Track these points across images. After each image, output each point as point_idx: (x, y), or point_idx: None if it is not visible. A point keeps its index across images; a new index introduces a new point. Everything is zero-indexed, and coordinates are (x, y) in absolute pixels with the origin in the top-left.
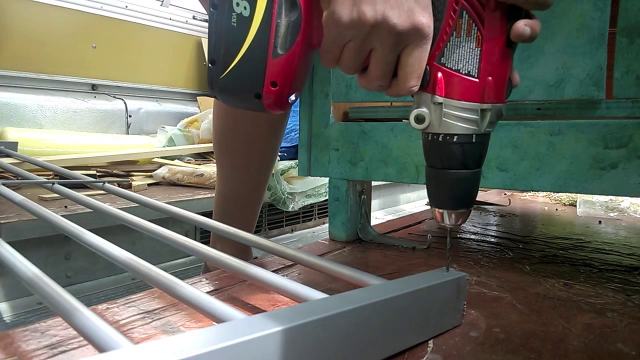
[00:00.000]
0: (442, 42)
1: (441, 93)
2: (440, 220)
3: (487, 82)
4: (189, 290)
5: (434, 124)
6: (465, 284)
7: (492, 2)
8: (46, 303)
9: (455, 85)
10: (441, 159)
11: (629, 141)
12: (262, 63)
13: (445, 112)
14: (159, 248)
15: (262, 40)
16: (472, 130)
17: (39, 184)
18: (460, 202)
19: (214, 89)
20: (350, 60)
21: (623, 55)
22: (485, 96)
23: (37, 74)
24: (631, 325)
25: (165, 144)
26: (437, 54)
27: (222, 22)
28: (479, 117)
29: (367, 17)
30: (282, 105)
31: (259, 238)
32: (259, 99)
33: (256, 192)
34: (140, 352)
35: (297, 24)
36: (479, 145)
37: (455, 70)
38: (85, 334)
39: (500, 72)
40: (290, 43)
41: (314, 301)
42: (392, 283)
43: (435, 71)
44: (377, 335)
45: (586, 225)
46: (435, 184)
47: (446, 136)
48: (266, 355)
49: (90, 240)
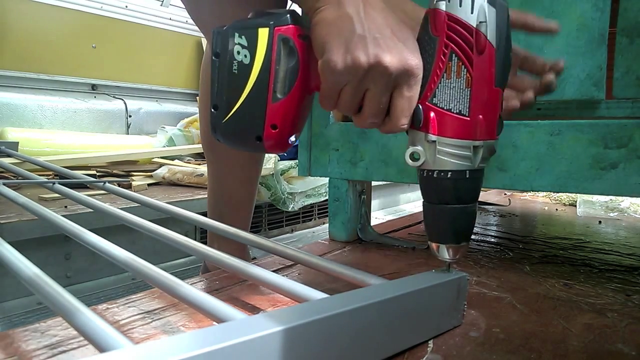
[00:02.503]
0: (434, 83)
1: (434, 132)
2: (437, 255)
3: (478, 120)
4: (189, 290)
5: (429, 161)
6: (465, 284)
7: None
8: (46, 303)
9: (448, 124)
10: (436, 194)
11: (629, 141)
12: (262, 107)
13: (439, 149)
14: (159, 248)
15: (261, 85)
16: (466, 166)
17: (39, 184)
18: (457, 236)
19: (217, 133)
20: (347, 102)
21: (623, 55)
22: (477, 133)
23: (37, 74)
24: (631, 325)
25: (165, 144)
26: (429, 94)
27: (224, 69)
28: (472, 154)
29: (361, 61)
30: (282, 146)
31: (259, 237)
32: (260, 142)
33: (248, 188)
34: (141, 352)
35: (295, 69)
36: (472, 180)
37: (447, 109)
38: (86, 333)
39: (490, 111)
40: (289, 87)
41: (314, 301)
42: (392, 283)
43: (427, 111)
44: (378, 336)
45: (586, 225)
46: (432, 219)
47: (440, 172)
48: (266, 355)
49: (90, 240)
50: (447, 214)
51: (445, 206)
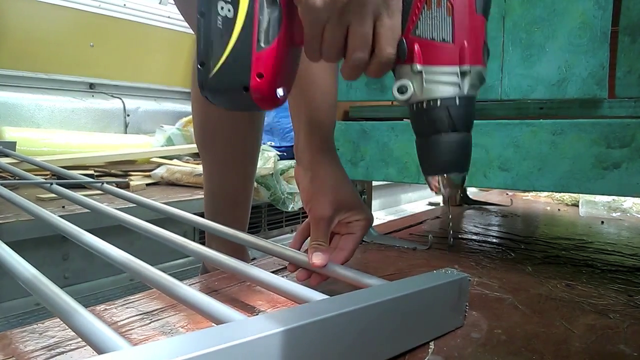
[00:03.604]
0: (415, 15)
1: (419, 61)
2: (435, 189)
3: (463, 45)
4: (188, 291)
5: (417, 92)
6: (467, 284)
7: None
8: (44, 304)
9: (432, 53)
10: (429, 125)
11: (631, 140)
12: (247, 57)
13: (426, 78)
14: (157, 249)
15: (246, 36)
16: (455, 92)
17: (37, 184)
18: (454, 165)
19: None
20: (331, 43)
21: (625, 54)
22: (462, 59)
23: (34, 72)
24: (633, 326)
25: (163, 143)
26: (411, 27)
27: (209, 26)
28: (460, 80)
29: None
30: (271, 99)
31: (258, 239)
32: (247, 92)
33: (243, 185)
34: (139, 353)
35: (278, 19)
36: (463, 107)
37: (431, 39)
38: (84, 335)
39: (474, 37)
40: (273, 37)
41: (314, 302)
42: (392, 284)
43: (412, 43)
44: (378, 337)
45: (589, 225)
46: (427, 151)
47: (430, 102)
48: (266, 356)
49: (88, 241)
50: (441, 142)
51: (439, 135)
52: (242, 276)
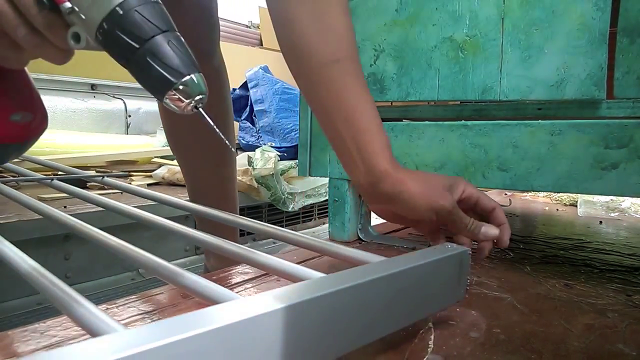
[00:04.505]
0: None
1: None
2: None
3: None
4: (190, 276)
5: (85, 28)
6: (467, 258)
7: None
8: (45, 295)
9: None
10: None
11: (629, 141)
12: None
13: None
14: (158, 249)
15: None
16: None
17: (37, 180)
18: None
19: None
20: None
21: (624, 55)
22: None
23: (36, 73)
24: (632, 325)
25: (164, 143)
26: None
27: None
28: None
29: None
30: None
31: (254, 222)
32: None
33: (222, 186)
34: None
35: None
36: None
37: None
38: (86, 326)
39: None
40: None
41: (314, 279)
42: (392, 260)
43: None
44: (379, 312)
45: (587, 225)
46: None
47: (99, 30)
48: (266, 333)
49: (91, 234)
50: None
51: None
52: (243, 259)
